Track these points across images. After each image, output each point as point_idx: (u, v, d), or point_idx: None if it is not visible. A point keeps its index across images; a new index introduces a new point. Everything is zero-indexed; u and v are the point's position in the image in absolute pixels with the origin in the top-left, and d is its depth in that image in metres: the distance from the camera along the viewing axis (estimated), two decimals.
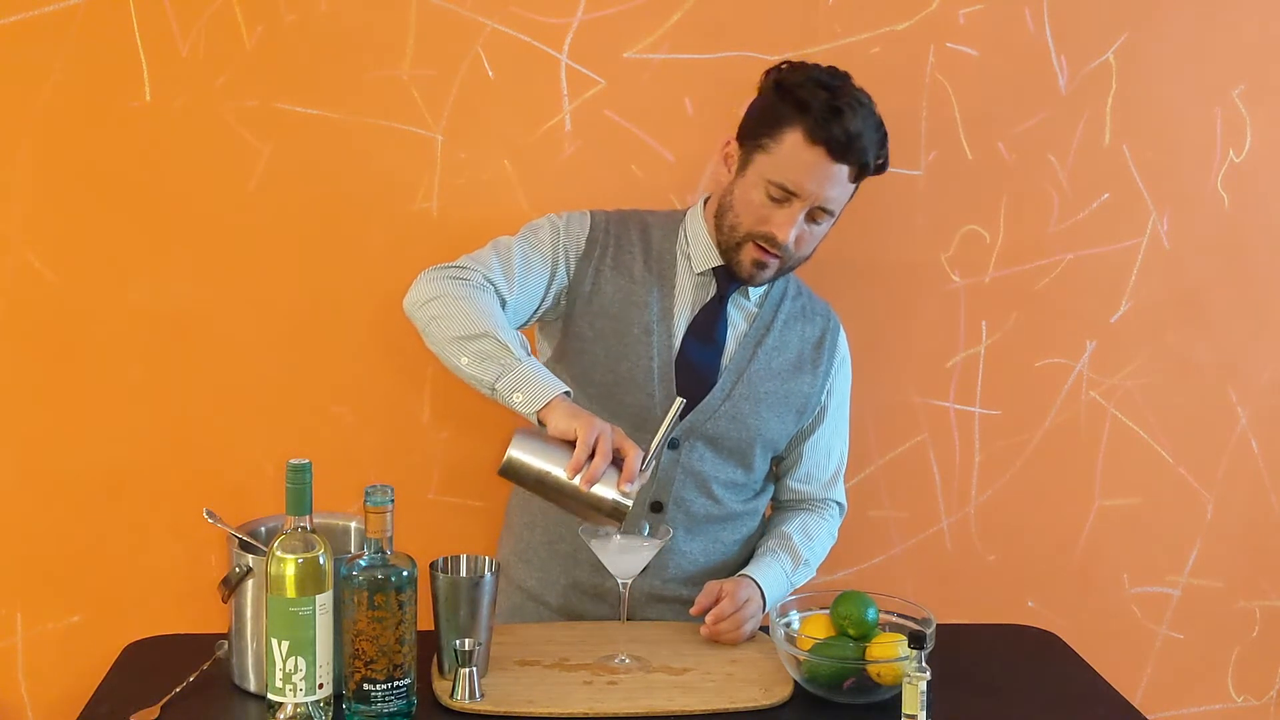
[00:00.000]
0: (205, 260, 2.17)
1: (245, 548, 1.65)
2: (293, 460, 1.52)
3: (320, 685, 1.53)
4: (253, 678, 1.65)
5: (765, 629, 1.84)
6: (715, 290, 1.95)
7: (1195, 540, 2.45)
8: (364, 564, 1.54)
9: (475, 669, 1.63)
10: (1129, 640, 2.46)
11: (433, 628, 1.69)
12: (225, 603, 1.66)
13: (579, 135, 2.20)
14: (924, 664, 1.54)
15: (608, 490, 1.65)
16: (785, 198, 1.82)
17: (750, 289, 1.97)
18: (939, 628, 1.71)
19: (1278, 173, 2.35)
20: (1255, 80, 2.32)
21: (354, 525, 1.79)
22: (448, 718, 1.61)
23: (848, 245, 2.07)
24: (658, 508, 1.94)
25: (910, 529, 2.40)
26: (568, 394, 1.71)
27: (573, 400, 1.74)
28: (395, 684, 1.55)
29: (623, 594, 1.78)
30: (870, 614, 1.72)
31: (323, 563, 1.53)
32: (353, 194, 2.18)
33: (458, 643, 1.63)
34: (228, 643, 1.69)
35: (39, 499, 2.19)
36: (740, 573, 1.93)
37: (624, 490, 1.65)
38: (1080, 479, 2.41)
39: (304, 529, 1.52)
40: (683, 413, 1.91)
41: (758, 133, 1.84)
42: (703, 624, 1.83)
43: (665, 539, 1.79)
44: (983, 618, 2.24)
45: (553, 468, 1.65)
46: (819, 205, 1.83)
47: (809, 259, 1.92)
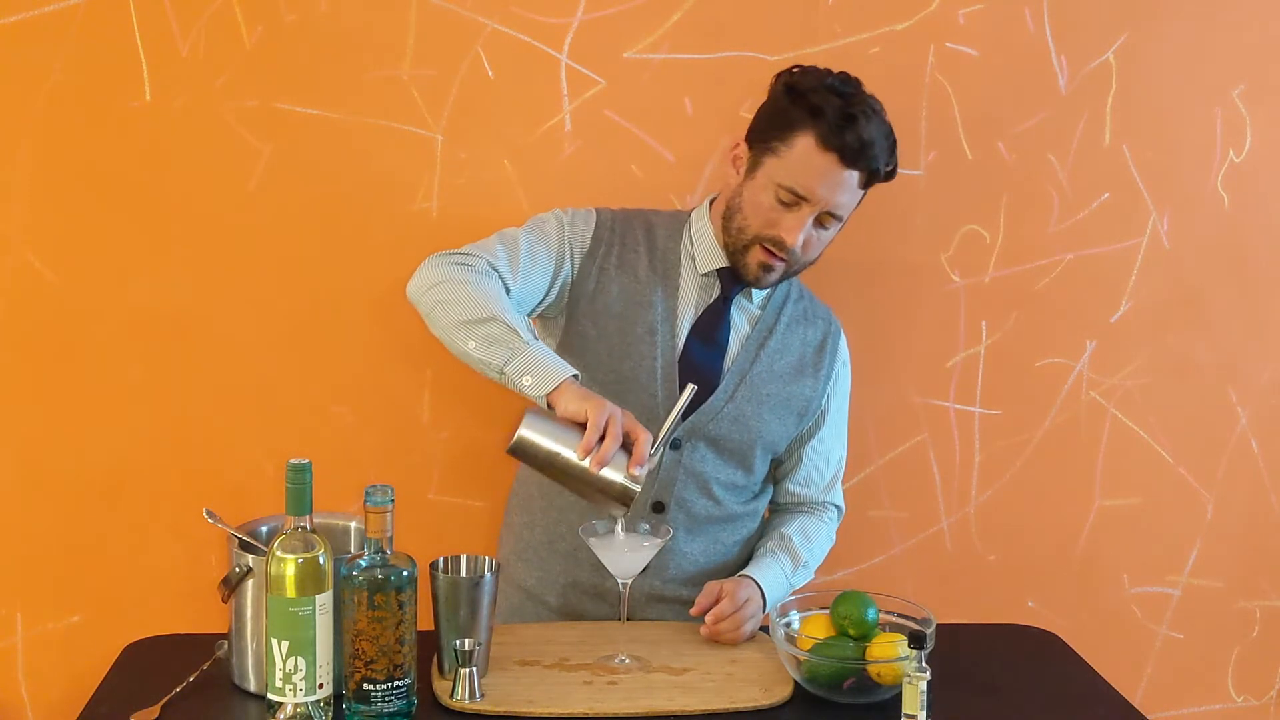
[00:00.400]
0: (205, 260, 2.17)
1: (245, 548, 1.65)
2: (293, 460, 1.52)
3: (320, 685, 1.53)
4: (253, 678, 1.65)
5: (765, 629, 1.84)
6: (719, 291, 1.95)
7: (1195, 540, 2.45)
8: (364, 564, 1.54)
9: (475, 669, 1.63)
10: (1129, 640, 2.46)
11: (433, 628, 1.69)
12: (225, 603, 1.66)
13: (579, 135, 2.20)
14: (924, 664, 1.54)
15: (616, 474, 1.64)
16: (795, 202, 1.82)
17: (753, 291, 1.97)
18: (939, 628, 1.71)
19: (1278, 173, 2.36)
20: (1255, 80, 2.32)
21: (354, 525, 1.79)
22: (448, 718, 1.61)
23: (848, 246, 2.06)
24: (659, 508, 1.94)
25: (910, 529, 2.40)
26: (576, 377, 1.70)
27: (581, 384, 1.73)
28: (395, 684, 1.55)
29: (623, 594, 1.78)
30: (870, 614, 1.72)
31: (323, 563, 1.53)
32: (353, 194, 2.18)
33: (458, 643, 1.63)
34: (228, 643, 1.69)
35: (39, 499, 2.19)
36: (740, 573, 1.93)
37: (633, 474, 1.64)
38: (1080, 479, 2.41)
39: (304, 529, 1.52)
40: (685, 413, 1.91)
41: (768, 136, 1.84)
42: (702, 624, 1.83)
43: (665, 539, 1.79)
44: (983, 618, 2.24)
45: (562, 449, 1.64)
46: (828, 210, 1.83)
47: (814, 263, 1.93)
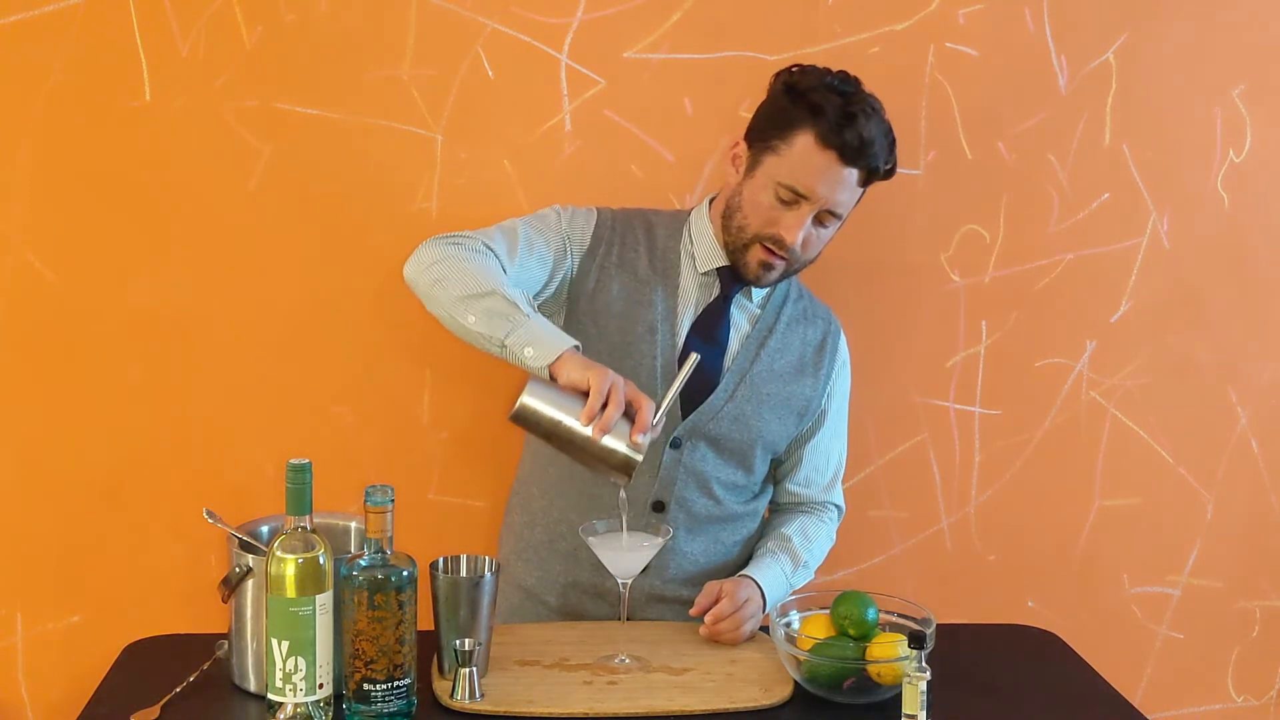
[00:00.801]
0: (205, 260, 2.17)
1: (245, 548, 1.65)
2: (293, 460, 1.52)
3: (320, 685, 1.53)
4: (253, 678, 1.66)
5: (765, 629, 1.84)
6: (719, 290, 1.95)
7: (1195, 540, 2.45)
8: (364, 564, 1.54)
9: (475, 669, 1.63)
10: (1129, 640, 2.46)
11: (433, 628, 1.69)
12: (225, 603, 1.66)
13: (579, 135, 2.20)
14: (924, 664, 1.54)
15: (619, 442, 1.64)
16: (794, 200, 1.83)
17: (753, 290, 1.97)
18: (939, 628, 1.71)
19: (1278, 173, 2.35)
20: (1255, 80, 2.32)
21: (354, 525, 1.79)
22: (448, 718, 1.61)
23: (848, 245, 2.07)
24: (659, 507, 1.94)
25: (910, 529, 2.40)
26: (578, 348, 1.70)
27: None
28: (395, 684, 1.55)
29: (623, 594, 1.78)
30: (870, 614, 1.72)
31: (323, 563, 1.53)
32: (353, 194, 2.18)
33: (458, 643, 1.63)
34: (228, 643, 1.69)
35: (39, 499, 2.19)
36: (740, 573, 1.93)
37: (635, 441, 1.64)
38: (1080, 479, 2.41)
39: (304, 529, 1.52)
40: (684, 413, 1.91)
41: (768, 135, 1.85)
42: (702, 624, 1.83)
43: (665, 538, 1.79)
44: (983, 618, 2.24)
45: (565, 416, 1.64)
46: (828, 209, 1.83)
47: (814, 262, 1.93)
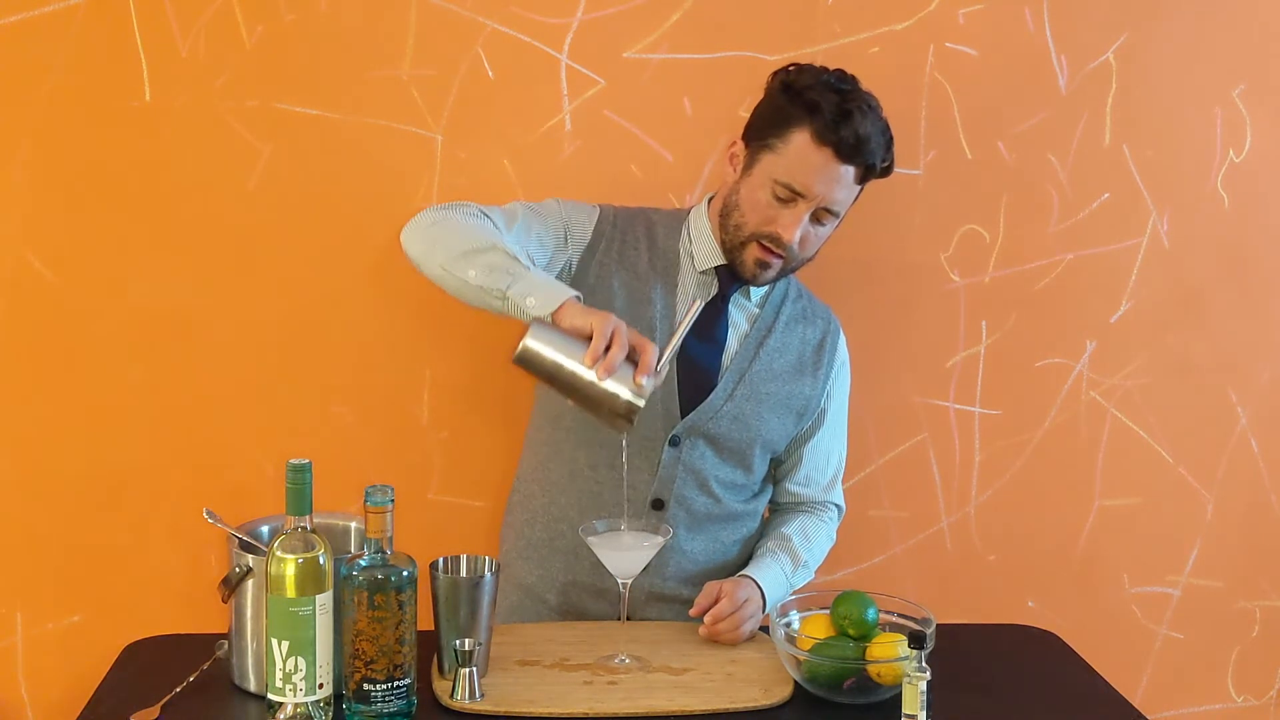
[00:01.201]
0: (205, 260, 2.17)
1: (245, 548, 1.65)
2: (293, 460, 1.52)
3: (320, 685, 1.53)
4: (253, 678, 1.66)
5: (765, 629, 1.84)
6: (717, 289, 1.95)
7: (1195, 540, 2.45)
8: (364, 564, 1.54)
9: (475, 669, 1.63)
10: (1129, 640, 2.46)
11: (433, 628, 1.69)
12: (225, 603, 1.66)
13: (579, 135, 2.20)
14: (924, 664, 1.54)
15: (622, 387, 1.63)
16: (791, 198, 1.83)
17: (751, 290, 1.97)
18: (939, 628, 1.71)
19: (1278, 173, 2.35)
20: (1255, 80, 2.32)
21: (354, 525, 1.79)
22: (448, 718, 1.61)
23: (847, 245, 2.07)
24: (659, 505, 1.94)
25: (910, 529, 2.40)
26: (579, 298, 1.70)
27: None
28: (395, 684, 1.55)
29: (623, 594, 1.78)
30: (870, 614, 1.72)
31: (323, 563, 1.53)
32: (353, 194, 2.18)
33: (458, 643, 1.63)
34: (228, 643, 1.69)
35: (39, 499, 2.19)
36: (740, 573, 1.93)
37: (639, 383, 1.63)
38: (1080, 479, 2.41)
39: (304, 529, 1.52)
40: (683, 411, 1.91)
41: (765, 133, 1.85)
42: (702, 624, 1.83)
43: (665, 538, 1.79)
44: (983, 618, 2.24)
45: (568, 359, 1.63)
46: (824, 206, 1.84)
47: (812, 260, 1.93)
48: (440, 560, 1.71)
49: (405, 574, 1.55)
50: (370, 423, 2.24)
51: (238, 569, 1.63)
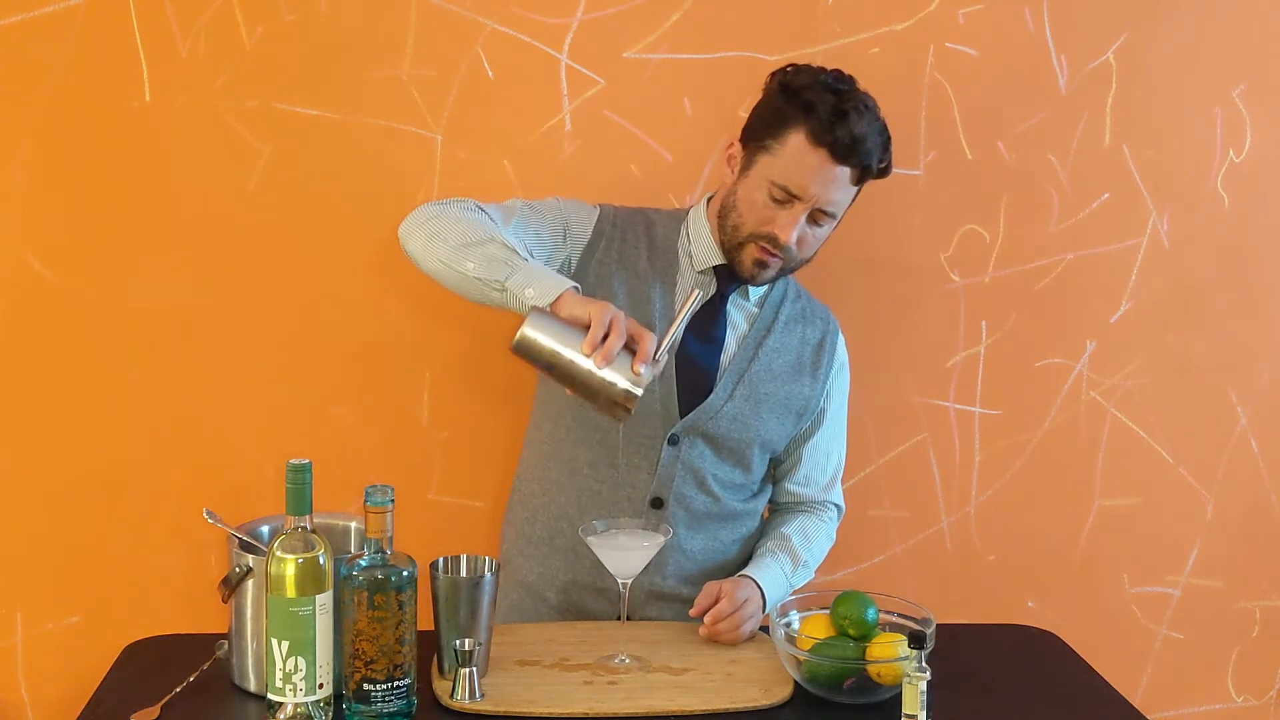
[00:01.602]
0: (205, 260, 2.17)
1: (245, 548, 1.65)
2: (293, 460, 1.52)
3: (320, 685, 1.53)
4: (253, 678, 1.65)
5: (765, 629, 1.84)
6: (716, 288, 1.95)
7: (1195, 540, 2.45)
8: (364, 564, 1.54)
9: (475, 669, 1.63)
10: (1129, 640, 2.46)
11: (433, 628, 1.69)
12: (225, 603, 1.66)
13: (579, 135, 2.20)
14: (924, 664, 1.54)
15: (620, 376, 1.62)
16: (787, 199, 1.83)
17: (750, 289, 1.97)
18: (939, 628, 1.71)
19: (1278, 173, 2.35)
20: (1255, 80, 2.32)
21: (354, 525, 1.79)
22: (448, 718, 1.61)
23: (847, 245, 2.07)
24: (658, 504, 1.94)
25: (910, 529, 2.40)
26: (577, 289, 1.70)
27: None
28: (395, 684, 1.55)
29: (623, 594, 1.78)
30: (870, 614, 1.72)
31: (323, 563, 1.53)
32: (353, 194, 2.18)
33: (458, 643, 1.63)
34: (228, 643, 1.69)
35: (39, 499, 2.19)
36: (740, 573, 1.93)
37: (637, 372, 1.62)
38: (1080, 479, 2.41)
39: (304, 529, 1.52)
40: (683, 411, 1.91)
41: (761, 134, 1.85)
42: (702, 624, 1.84)
43: (665, 537, 1.79)
44: (983, 618, 2.25)
45: (565, 348, 1.63)
46: (820, 208, 1.83)
47: (811, 260, 1.93)
48: (440, 560, 1.71)
49: (405, 574, 1.55)
50: (370, 423, 2.24)
51: (238, 569, 1.63)
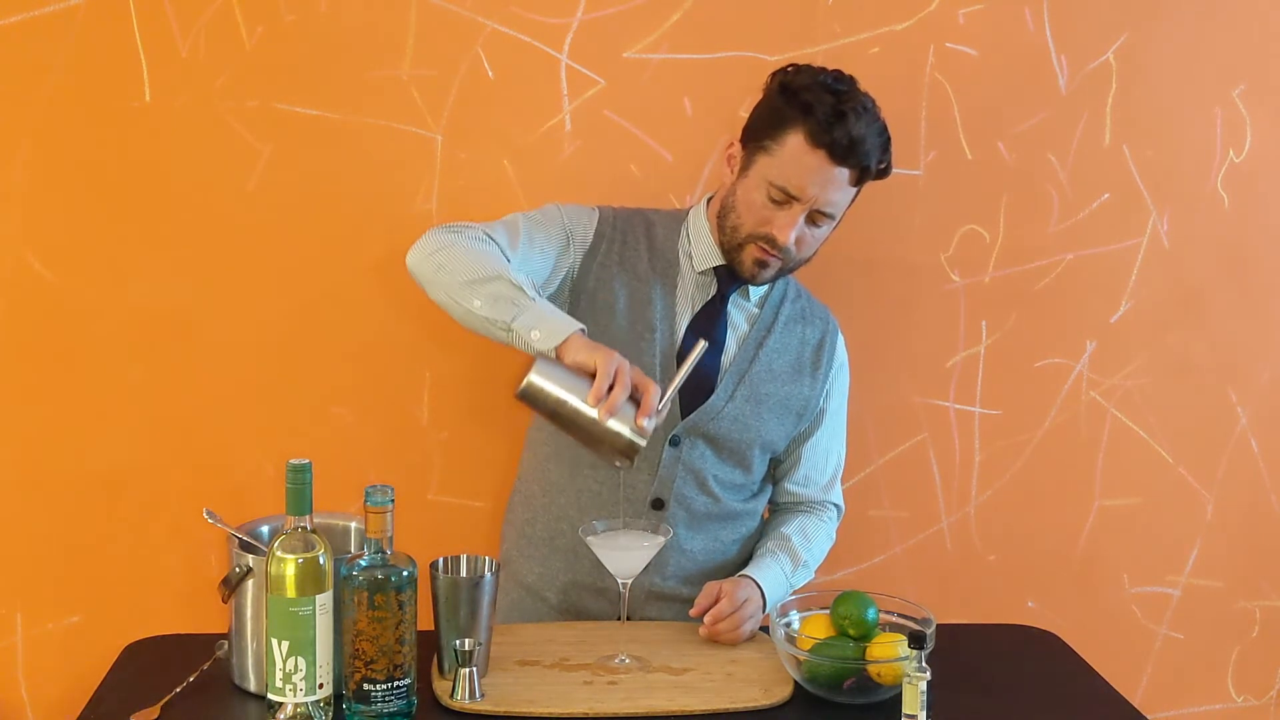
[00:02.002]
0: (205, 260, 2.17)
1: (245, 548, 1.65)
2: (293, 460, 1.52)
3: (320, 685, 1.53)
4: (253, 678, 1.65)
5: (765, 629, 1.84)
6: (716, 289, 1.95)
7: (1195, 540, 2.45)
8: (364, 564, 1.54)
9: (475, 669, 1.63)
10: (1129, 640, 2.46)
11: (433, 628, 1.69)
12: (225, 603, 1.66)
13: (579, 135, 2.20)
14: (924, 664, 1.54)
15: (623, 425, 1.63)
16: (786, 200, 1.83)
17: (750, 289, 1.97)
18: (939, 628, 1.71)
19: (1278, 173, 2.35)
20: (1255, 80, 2.32)
21: (354, 525, 1.79)
22: (448, 718, 1.61)
23: (847, 245, 2.07)
24: (659, 504, 1.94)
25: (910, 529, 2.40)
26: (584, 331, 1.70)
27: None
28: (395, 684, 1.55)
29: (623, 594, 1.78)
30: (870, 614, 1.72)
31: (323, 563, 1.53)
32: (353, 194, 2.18)
33: (458, 643, 1.63)
34: (228, 643, 1.69)
35: (39, 499, 2.19)
36: (740, 573, 1.93)
37: (640, 425, 1.63)
38: (1080, 479, 2.41)
39: (304, 529, 1.52)
40: (684, 412, 1.91)
41: (760, 134, 1.84)
42: (701, 625, 1.84)
43: (665, 538, 1.79)
44: (983, 618, 2.25)
45: (571, 396, 1.63)
46: (819, 209, 1.83)
47: (811, 260, 1.93)
48: (440, 560, 1.71)
49: (405, 574, 1.55)
50: (370, 423, 2.24)
51: (238, 569, 1.63)
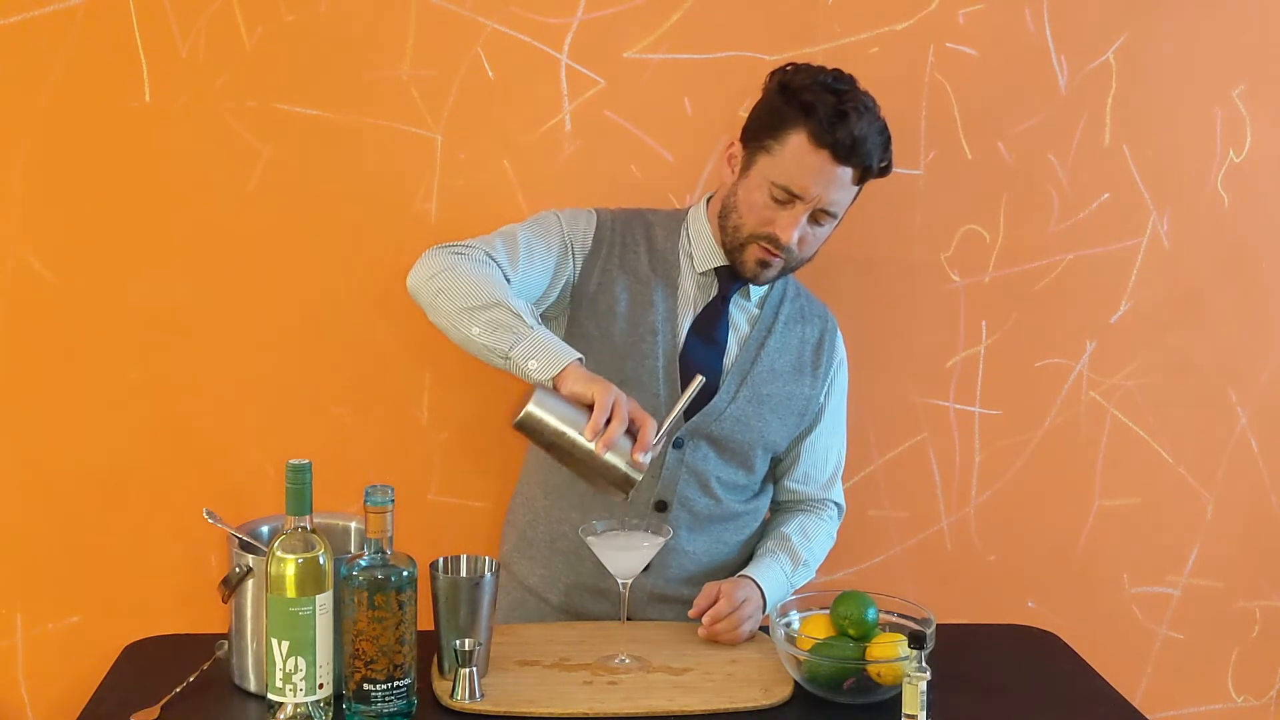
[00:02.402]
0: (205, 260, 2.17)
1: (245, 548, 1.65)
2: (293, 460, 1.52)
3: (320, 685, 1.53)
4: (253, 678, 1.66)
5: (765, 629, 1.84)
6: (717, 290, 1.95)
7: (1195, 540, 2.45)
8: (364, 564, 1.54)
9: (475, 669, 1.63)
10: (1129, 640, 2.46)
11: (433, 628, 1.69)
12: (225, 603, 1.66)
13: (579, 135, 2.20)
14: (924, 664, 1.54)
15: (619, 459, 1.64)
16: (788, 199, 1.83)
17: (750, 290, 1.97)
18: (939, 628, 1.71)
19: (1278, 173, 2.35)
20: (1255, 80, 2.32)
21: (354, 525, 1.79)
22: (448, 718, 1.61)
23: (847, 245, 2.07)
24: (662, 507, 1.94)
25: (910, 529, 2.40)
26: (581, 361, 1.70)
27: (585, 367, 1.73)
28: (395, 684, 1.55)
29: (623, 594, 1.78)
30: (870, 614, 1.72)
31: (323, 563, 1.53)
32: (353, 194, 2.18)
33: (458, 643, 1.63)
34: (228, 643, 1.69)
35: (39, 499, 2.19)
36: (740, 573, 1.93)
37: (636, 460, 1.64)
38: (1080, 479, 2.41)
39: (304, 529, 1.52)
40: (687, 414, 1.91)
41: (761, 134, 1.85)
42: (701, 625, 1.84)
43: (665, 538, 1.79)
44: (983, 618, 2.24)
45: (568, 429, 1.64)
46: (821, 208, 1.83)
47: (812, 259, 1.93)
48: (440, 560, 1.71)
49: (405, 574, 1.55)
50: (370, 423, 2.24)
51: (238, 569, 1.63)
